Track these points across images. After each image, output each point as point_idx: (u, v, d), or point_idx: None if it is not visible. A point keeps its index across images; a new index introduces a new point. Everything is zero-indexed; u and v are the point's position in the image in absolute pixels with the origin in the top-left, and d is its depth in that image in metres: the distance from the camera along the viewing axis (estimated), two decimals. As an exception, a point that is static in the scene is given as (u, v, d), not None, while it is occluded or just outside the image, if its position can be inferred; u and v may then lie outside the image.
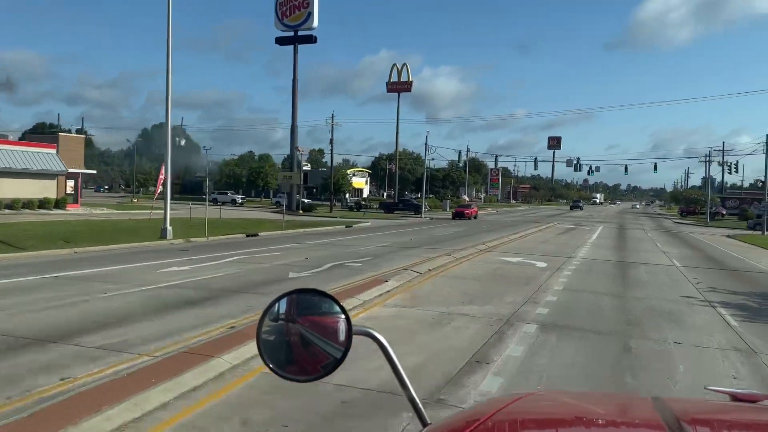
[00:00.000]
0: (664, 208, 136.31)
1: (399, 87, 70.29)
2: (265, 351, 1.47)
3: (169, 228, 21.22)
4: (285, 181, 55.73)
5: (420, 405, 1.46)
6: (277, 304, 1.52)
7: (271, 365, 1.45)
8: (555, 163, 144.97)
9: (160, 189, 34.45)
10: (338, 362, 1.44)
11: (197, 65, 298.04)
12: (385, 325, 8.20)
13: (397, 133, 75.04)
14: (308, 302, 1.56)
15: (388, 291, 10.92)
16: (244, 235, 24.28)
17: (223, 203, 68.65)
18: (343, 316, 1.48)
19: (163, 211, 24.04)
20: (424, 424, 1.43)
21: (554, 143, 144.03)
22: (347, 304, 9.27)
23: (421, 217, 50.95)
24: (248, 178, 72.51)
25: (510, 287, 12.30)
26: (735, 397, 1.50)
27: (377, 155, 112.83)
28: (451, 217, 48.98)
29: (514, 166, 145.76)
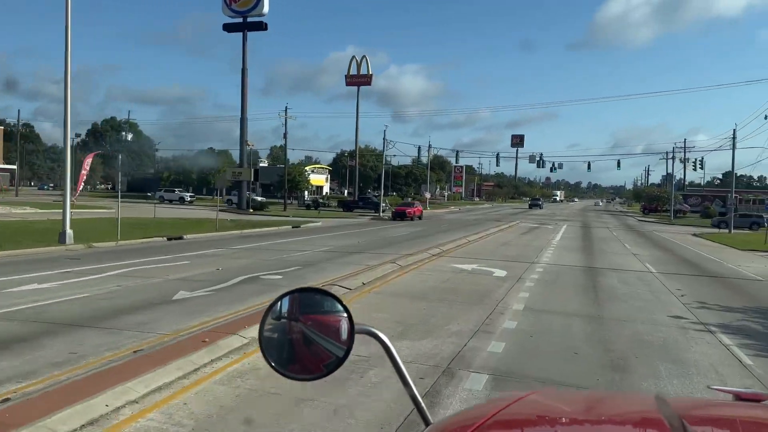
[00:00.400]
0: (625, 205, 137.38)
1: (358, 80, 67.47)
2: (268, 349, 1.45)
3: (69, 231, 17.95)
4: (235, 177, 52.38)
5: (422, 404, 1.44)
6: (279, 303, 1.49)
7: (273, 364, 1.43)
8: (518, 161, 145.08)
9: (81, 186, 30.86)
10: (341, 361, 1.42)
11: (160, 60, 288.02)
12: (257, 387, 5.43)
13: (356, 128, 72.22)
14: (310, 301, 1.56)
15: (294, 320, 8.16)
16: (166, 238, 21.12)
17: (171, 201, 64.85)
18: (345, 315, 1.46)
19: (90, 211, 21.13)
20: (427, 422, 1.42)
21: (517, 141, 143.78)
22: (220, 347, 6.48)
23: (380, 215, 48.31)
24: (199, 175, 68.52)
25: (459, 308, 9.71)
26: (739, 396, 1.43)
27: (339, 151, 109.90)
28: (390, 217, 42.62)
29: (479, 163, 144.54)
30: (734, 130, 42.48)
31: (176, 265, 13.75)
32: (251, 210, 47.78)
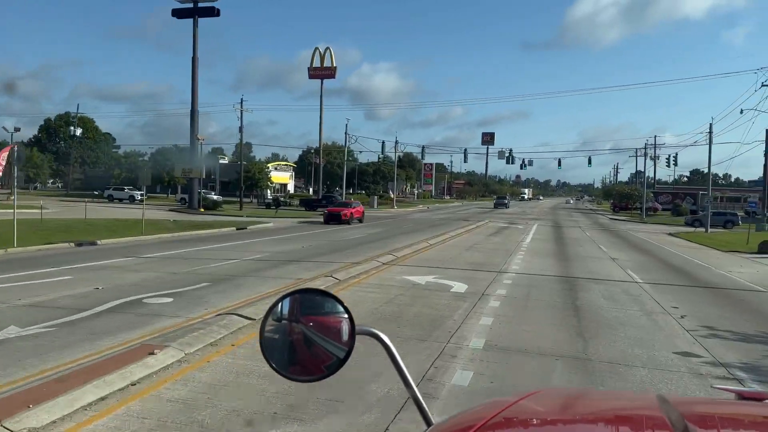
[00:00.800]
0: (594, 203, 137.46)
1: (322, 73, 64.44)
2: (268, 351, 1.46)
3: (-59, 237, 14.74)
4: (185, 174, 48.92)
5: (424, 405, 1.45)
6: (280, 304, 1.50)
7: (274, 366, 1.44)
8: (489, 159, 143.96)
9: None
10: (342, 362, 1.43)
11: (128, 56, 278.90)
12: None
13: (320, 122, 69.37)
14: (311, 302, 1.56)
15: (134, 383, 5.35)
16: (74, 244, 17.99)
17: (121, 200, 60.99)
18: (346, 316, 1.47)
19: (17, 211, 18.17)
20: (429, 423, 1.42)
21: (488, 139, 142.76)
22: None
23: (341, 215, 45.43)
24: (153, 172, 64.53)
25: (396, 348, 7.05)
26: (742, 396, 1.40)
27: (305, 148, 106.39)
28: (323, 221, 34.70)
29: (450, 161, 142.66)
30: (710, 124, 40.98)
31: (49, 283, 10.77)
32: (202, 209, 44.44)
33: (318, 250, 18.19)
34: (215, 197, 53.22)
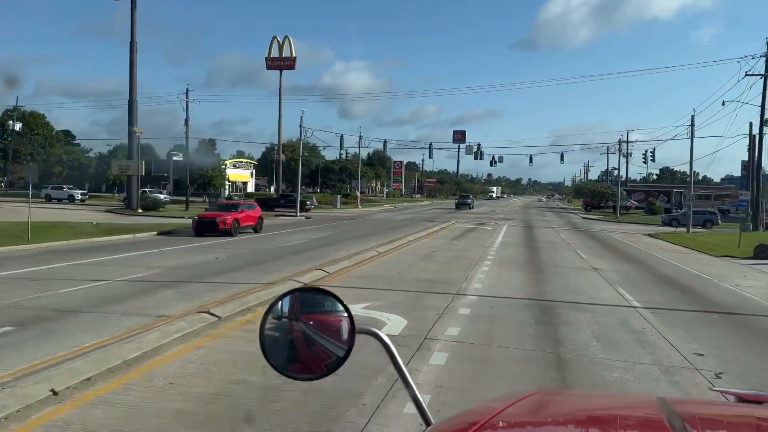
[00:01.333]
0: (565, 201, 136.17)
1: (280, 64, 60.47)
2: (269, 350, 1.44)
3: None
4: (122, 172, 44.44)
5: (423, 404, 1.43)
6: (280, 302, 1.47)
7: (274, 364, 1.42)
8: (461, 158, 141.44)
9: None
10: (341, 361, 1.41)
11: (92, 52, 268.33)
12: None
13: (279, 115, 65.62)
14: (311, 300, 1.54)
15: None
16: None
17: (60, 200, 56.05)
18: (346, 315, 1.45)
19: None
20: (428, 423, 1.40)
21: (459, 137, 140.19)
22: None
23: (296, 215, 41.75)
24: (96, 170, 59.83)
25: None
26: (741, 398, 1.41)
27: (269, 144, 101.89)
28: (193, 230, 23.76)
29: (422, 159, 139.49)
30: (692, 116, 38.43)
31: None
32: (140, 210, 40.08)
33: (233, 263, 14.52)
34: (161, 196, 48.87)
